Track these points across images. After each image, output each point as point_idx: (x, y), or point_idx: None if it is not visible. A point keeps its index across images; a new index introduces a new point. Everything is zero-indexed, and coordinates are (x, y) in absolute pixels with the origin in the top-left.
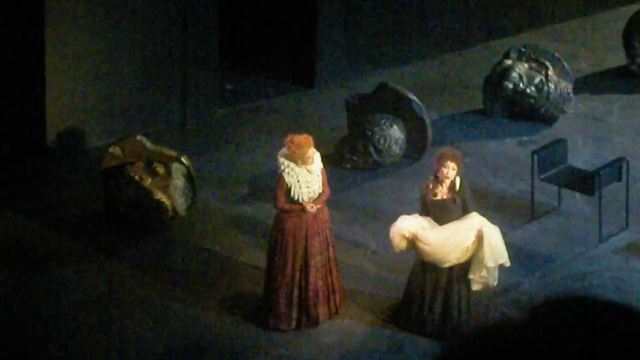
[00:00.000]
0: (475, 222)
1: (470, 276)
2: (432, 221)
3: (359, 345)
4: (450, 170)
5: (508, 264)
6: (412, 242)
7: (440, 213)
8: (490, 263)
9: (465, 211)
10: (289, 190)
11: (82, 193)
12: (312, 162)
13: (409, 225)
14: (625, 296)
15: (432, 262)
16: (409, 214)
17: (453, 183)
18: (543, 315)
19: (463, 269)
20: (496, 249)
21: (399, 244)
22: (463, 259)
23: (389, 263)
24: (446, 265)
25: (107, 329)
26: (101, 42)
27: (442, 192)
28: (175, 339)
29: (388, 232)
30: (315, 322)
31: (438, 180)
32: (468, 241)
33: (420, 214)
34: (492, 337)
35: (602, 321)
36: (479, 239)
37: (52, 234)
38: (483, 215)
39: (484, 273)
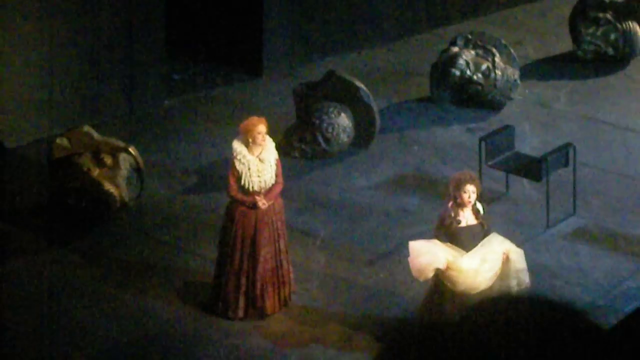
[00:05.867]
0: (500, 247)
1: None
2: (453, 246)
3: (309, 335)
4: (472, 194)
5: (529, 285)
6: (438, 272)
7: (467, 240)
8: (515, 288)
9: (485, 232)
10: (240, 178)
11: (29, 185)
12: (264, 140)
13: (442, 257)
14: (572, 281)
15: (463, 290)
16: (418, 237)
17: (476, 207)
18: (485, 313)
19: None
20: (521, 274)
21: (428, 275)
22: (490, 284)
23: (339, 252)
24: (475, 292)
25: (58, 321)
26: (47, 32)
27: (466, 218)
28: (126, 329)
29: (340, 222)
30: (261, 313)
31: (459, 206)
32: (497, 267)
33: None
34: (437, 332)
35: (543, 317)
36: (504, 263)
37: (0, 225)
38: (434, 204)
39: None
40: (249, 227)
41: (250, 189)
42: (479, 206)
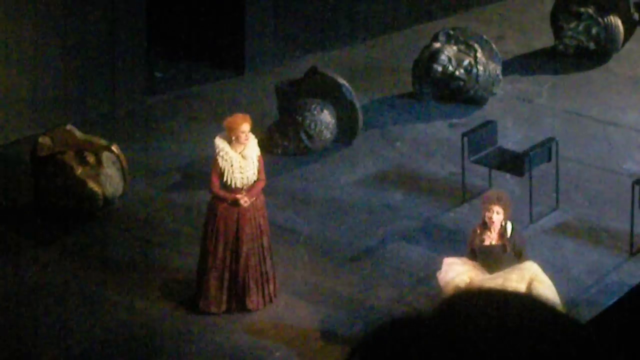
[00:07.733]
0: (526, 274)
1: None
2: (480, 267)
3: (292, 331)
4: (495, 215)
5: None
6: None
7: (489, 260)
8: None
9: (519, 259)
10: (222, 174)
11: (12, 184)
12: (247, 139)
13: (464, 275)
14: (555, 276)
15: None
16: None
17: (504, 229)
18: (451, 308)
19: None
20: None
21: (451, 291)
22: None
23: (322, 248)
24: None
25: (41, 320)
26: (28, 30)
27: (490, 238)
28: (110, 328)
29: (322, 218)
30: (244, 307)
31: (486, 226)
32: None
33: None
34: (410, 326)
35: (519, 312)
36: (527, 290)
37: None
38: (417, 200)
39: None
40: (231, 223)
41: (233, 185)
42: (508, 228)
